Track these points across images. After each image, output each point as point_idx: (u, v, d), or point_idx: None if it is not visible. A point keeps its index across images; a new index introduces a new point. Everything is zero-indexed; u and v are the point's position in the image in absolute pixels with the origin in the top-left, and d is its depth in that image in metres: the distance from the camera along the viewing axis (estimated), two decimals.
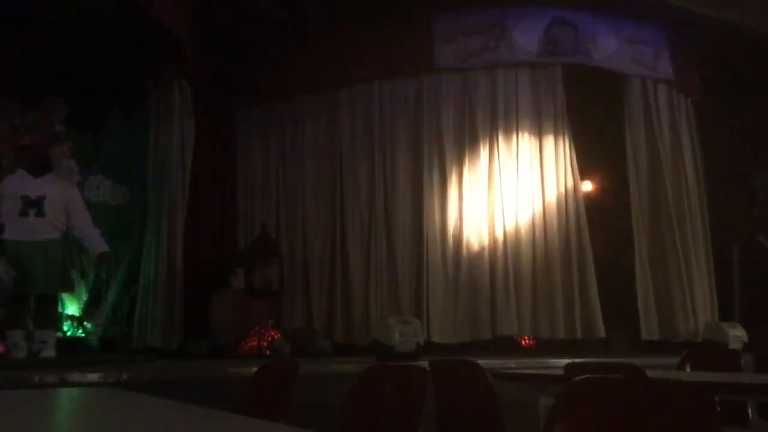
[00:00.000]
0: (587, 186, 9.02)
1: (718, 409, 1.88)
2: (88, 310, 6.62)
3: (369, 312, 7.83)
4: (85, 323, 7.18)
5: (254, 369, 3.16)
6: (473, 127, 8.18)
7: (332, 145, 8.52)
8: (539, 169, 8.23)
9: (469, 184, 8.10)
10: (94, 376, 4.70)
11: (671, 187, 8.56)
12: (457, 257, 7.91)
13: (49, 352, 5.87)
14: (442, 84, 8.25)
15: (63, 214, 6.12)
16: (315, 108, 8.70)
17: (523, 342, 8.64)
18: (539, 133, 8.26)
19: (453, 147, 8.13)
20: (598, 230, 8.67)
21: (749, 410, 3.69)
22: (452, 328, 7.76)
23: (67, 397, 3.00)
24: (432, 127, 8.13)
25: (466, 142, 8.14)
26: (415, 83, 8.28)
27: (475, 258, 7.90)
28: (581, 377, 2.01)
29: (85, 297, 7.67)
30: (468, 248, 7.92)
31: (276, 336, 7.21)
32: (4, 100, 6.31)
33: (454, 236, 7.96)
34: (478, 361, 3.50)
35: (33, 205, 5.88)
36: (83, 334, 7.29)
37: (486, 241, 8.00)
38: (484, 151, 8.15)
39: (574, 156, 8.28)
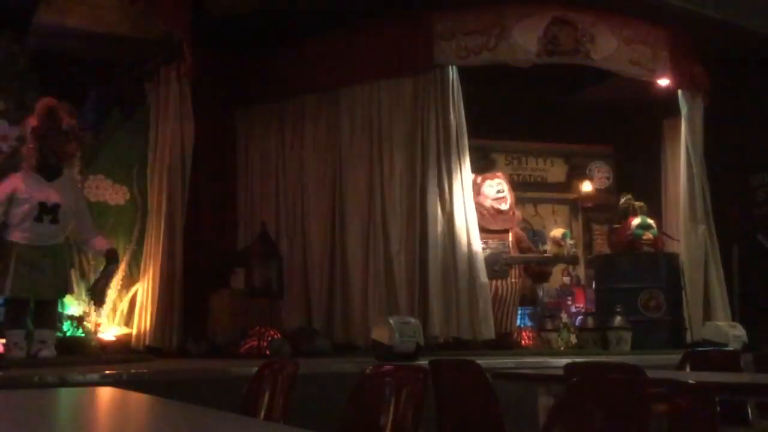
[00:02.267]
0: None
1: (718, 409, 1.88)
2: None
3: (368, 312, 7.81)
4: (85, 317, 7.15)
5: (254, 369, 3.15)
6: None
7: (332, 145, 8.51)
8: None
9: (469, 184, 8.09)
10: (94, 376, 4.70)
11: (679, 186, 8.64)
12: (458, 256, 7.89)
13: (49, 352, 5.87)
14: (442, 83, 8.23)
15: (72, 220, 6.16)
16: (315, 108, 8.69)
17: (524, 342, 8.64)
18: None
19: (453, 146, 8.11)
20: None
21: (749, 410, 3.69)
22: (452, 328, 7.74)
23: (67, 397, 3.00)
24: (432, 126, 8.11)
25: (466, 140, 8.13)
26: (415, 82, 8.26)
27: (475, 257, 7.88)
28: (581, 377, 2.02)
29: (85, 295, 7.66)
30: (469, 247, 7.90)
31: (276, 336, 7.20)
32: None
33: (454, 235, 7.94)
34: (478, 361, 3.51)
35: (49, 212, 5.88)
36: (83, 334, 7.29)
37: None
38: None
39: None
